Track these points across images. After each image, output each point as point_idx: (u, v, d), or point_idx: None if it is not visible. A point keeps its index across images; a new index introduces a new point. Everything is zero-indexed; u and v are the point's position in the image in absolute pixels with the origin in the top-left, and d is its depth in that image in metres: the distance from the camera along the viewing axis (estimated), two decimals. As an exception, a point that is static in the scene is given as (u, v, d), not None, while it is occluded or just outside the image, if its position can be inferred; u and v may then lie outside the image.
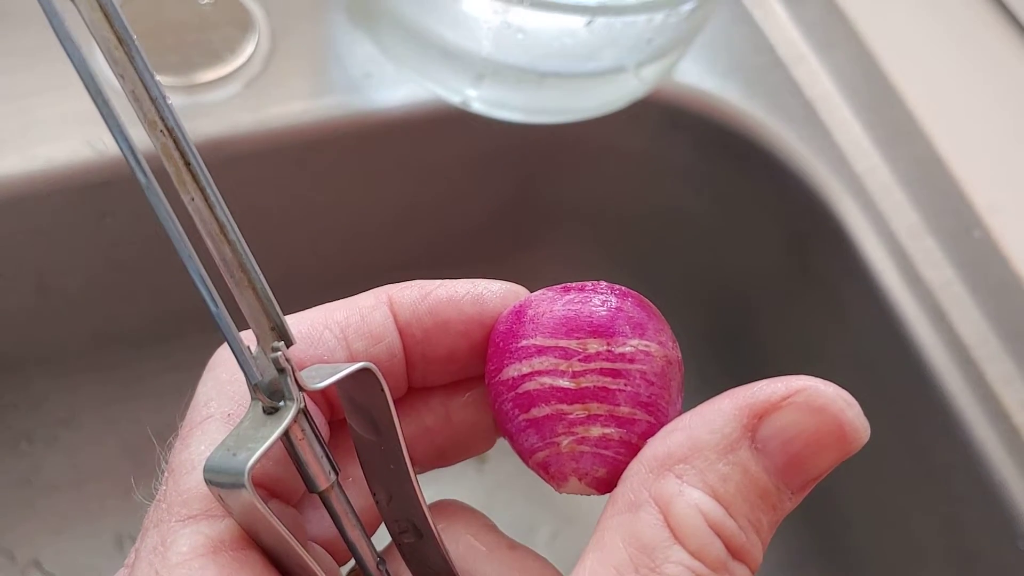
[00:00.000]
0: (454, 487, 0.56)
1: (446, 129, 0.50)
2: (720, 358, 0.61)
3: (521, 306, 0.23)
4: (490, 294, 0.24)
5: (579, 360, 0.22)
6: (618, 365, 0.22)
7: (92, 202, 0.46)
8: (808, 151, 0.52)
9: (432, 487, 0.26)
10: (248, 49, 0.48)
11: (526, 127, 0.47)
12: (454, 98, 0.47)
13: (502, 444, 0.25)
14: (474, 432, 0.26)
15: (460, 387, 0.25)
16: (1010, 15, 0.56)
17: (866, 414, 0.20)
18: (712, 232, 0.58)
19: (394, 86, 0.49)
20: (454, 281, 0.25)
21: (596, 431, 0.21)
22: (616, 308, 0.22)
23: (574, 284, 0.23)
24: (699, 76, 0.53)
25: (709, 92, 0.53)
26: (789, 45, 0.56)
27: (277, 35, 0.49)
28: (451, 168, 0.54)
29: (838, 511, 0.54)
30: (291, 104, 0.47)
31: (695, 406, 0.21)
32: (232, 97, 0.46)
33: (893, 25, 0.56)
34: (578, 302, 0.22)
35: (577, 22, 0.41)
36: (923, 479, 0.48)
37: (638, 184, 0.59)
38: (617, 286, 0.23)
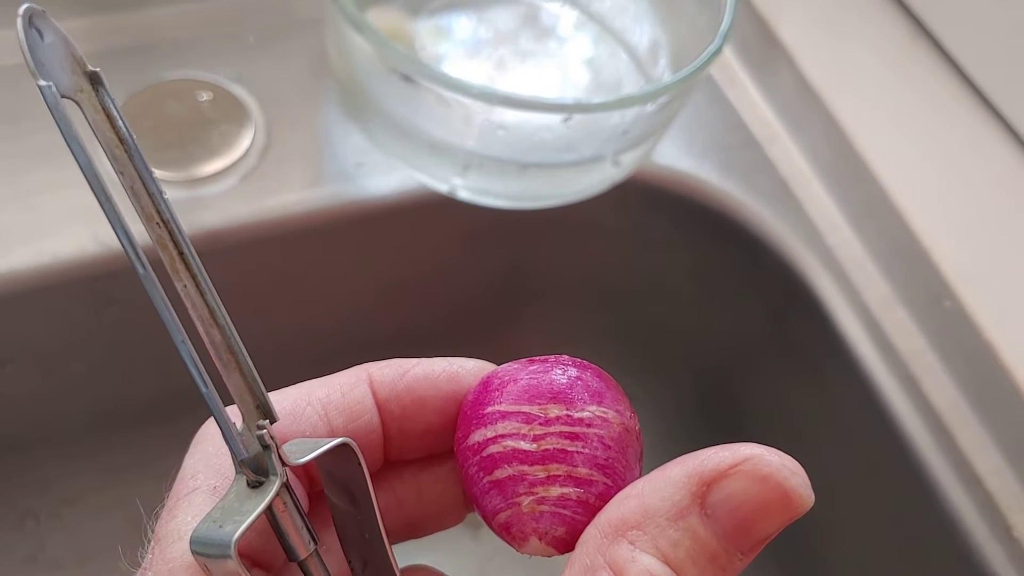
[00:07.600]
0: (448, 556, 0.57)
1: (434, 215, 0.52)
2: (702, 427, 0.61)
3: (488, 377, 0.24)
4: (465, 372, 0.25)
5: (540, 424, 0.23)
6: (576, 429, 0.23)
7: (97, 292, 0.47)
8: (783, 227, 0.53)
9: (426, 556, 0.27)
10: (245, 143, 0.49)
11: (510, 211, 0.49)
12: (441, 187, 0.48)
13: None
14: (444, 505, 0.26)
15: (432, 461, 0.26)
16: (978, 93, 0.57)
17: (842, 479, 0.21)
18: (692, 305, 0.59)
19: (385, 175, 0.50)
20: (431, 359, 0.25)
21: (555, 491, 0.22)
22: (576, 377, 0.23)
23: (538, 357, 0.25)
24: (676, 156, 0.55)
25: (686, 172, 0.54)
26: (763, 125, 0.57)
27: (273, 129, 0.50)
28: (439, 251, 0.56)
29: (818, 575, 0.54)
30: (286, 194, 0.49)
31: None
32: (230, 189, 0.48)
33: (863, 104, 0.58)
34: (541, 372, 0.24)
35: (555, 119, 0.43)
36: (899, 542, 0.48)
37: (620, 260, 0.60)
38: (578, 359, 0.24)
